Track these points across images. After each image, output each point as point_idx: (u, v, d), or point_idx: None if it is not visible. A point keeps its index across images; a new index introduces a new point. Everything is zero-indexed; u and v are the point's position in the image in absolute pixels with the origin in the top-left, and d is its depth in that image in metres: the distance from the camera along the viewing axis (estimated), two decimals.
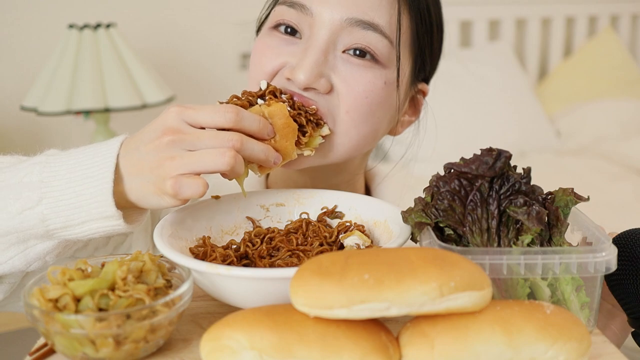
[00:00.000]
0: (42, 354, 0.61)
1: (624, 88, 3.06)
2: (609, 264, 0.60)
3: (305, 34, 0.82)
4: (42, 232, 0.68)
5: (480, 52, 2.93)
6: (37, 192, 0.67)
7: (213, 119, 0.67)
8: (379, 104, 0.83)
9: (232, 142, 0.66)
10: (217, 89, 2.61)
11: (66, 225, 0.68)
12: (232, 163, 0.65)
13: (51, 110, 1.97)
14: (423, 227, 0.65)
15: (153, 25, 2.50)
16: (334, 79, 0.81)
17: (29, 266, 0.72)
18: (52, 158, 0.70)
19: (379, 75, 0.82)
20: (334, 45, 0.81)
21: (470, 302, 0.53)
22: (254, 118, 0.69)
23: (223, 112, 0.67)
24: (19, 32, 2.31)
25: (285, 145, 0.73)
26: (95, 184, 0.66)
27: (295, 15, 0.82)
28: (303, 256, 0.70)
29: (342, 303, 0.51)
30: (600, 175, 2.47)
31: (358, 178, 0.97)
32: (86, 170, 0.67)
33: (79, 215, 0.67)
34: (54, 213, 0.67)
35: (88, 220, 0.68)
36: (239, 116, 0.67)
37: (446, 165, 0.65)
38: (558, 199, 0.66)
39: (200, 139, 0.65)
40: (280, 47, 0.83)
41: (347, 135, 0.82)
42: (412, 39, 0.86)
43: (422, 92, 0.95)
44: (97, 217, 0.67)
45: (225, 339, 0.52)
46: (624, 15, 3.30)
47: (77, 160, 0.68)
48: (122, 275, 0.59)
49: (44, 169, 0.68)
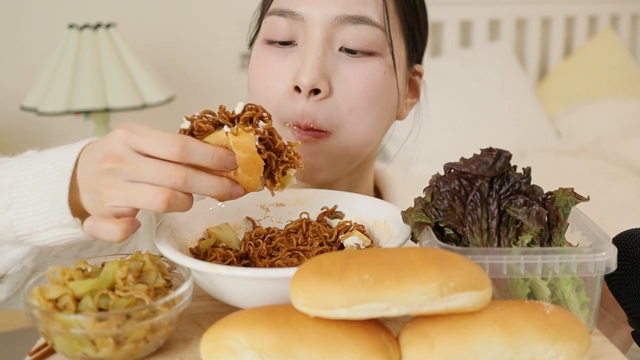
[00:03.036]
0: (42, 354, 0.61)
1: (624, 88, 3.06)
2: (609, 264, 0.60)
3: (300, 38, 0.83)
4: (12, 238, 0.67)
5: (480, 52, 2.93)
6: (7, 197, 0.66)
7: (157, 150, 0.60)
8: (380, 94, 0.84)
9: (174, 178, 0.60)
10: (217, 89, 2.61)
11: (32, 232, 0.66)
12: (165, 205, 0.60)
13: (51, 110, 1.97)
14: (423, 227, 0.65)
15: (153, 25, 2.50)
16: (334, 80, 0.82)
17: (7, 270, 0.71)
18: (23, 161, 0.68)
19: (377, 67, 0.83)
20: (330, 43, 0.82)
21: (470, 302, 0.53)
22: (204, 152, 0.61)
23: (169, 144, 0.60)
24: (19, 32, 2.31)
25: (247, 179, 0.65)
26: (53, 191, 0.65)
27: (287, 23, 0.83)
28: (303, 256, 0.70)
29: (342, 303, 0.51)
30: (600, 175, 2.47)
31: (369, 172, 0.97)
32: (48, 176, 0.65)
33: (42, 222, 0.66)
34: (20, 220, 0.66)
35: (51, 228, 0.66)
36: (185, 151, 0.60)
37: (446, 165, 0.65)
38: (558, 199, 0.66)
39: (140, 172, 0.60)
40: (280, 62, 0.84)
41: (353, 132, 0.83)
42: (401, 21, 0.87)
43: (419, 74, 0.96)
44: (57, 224, 0.66)
45: (225, 339, 0.52)
46: (624, 15, 3.30)
47: (42, 165, 0.66)
48: (122, 275, 0.59)
49: (14, 172, 0.67)
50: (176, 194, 0.60)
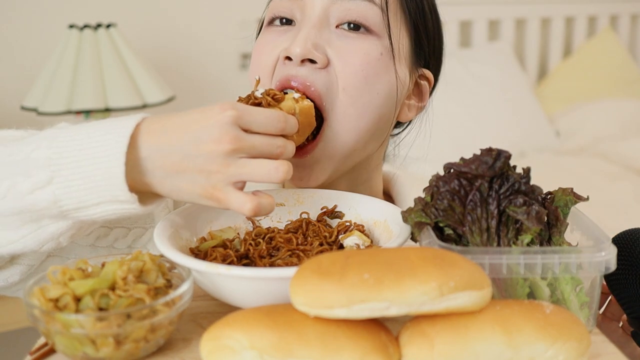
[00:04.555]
0: (43, 354, 0.61)
1: (624, 88, 3.06)
2: (609, 264, 0.60)
3: (298, 18, 0.84)
4: (56, 213, 0.65)
5: (480, 52, 2.93)
6: (46, 171, 0.64)
7: (267, 127, 0.67)
8: (376, 75, 0.82)
9: (280, 148, 0.67)
10: (217, 89, 2.61)
11: (80, 206, 0.65)
12: (284, 176, 0.65)
13: (51, 111, 1.97)
14: (423, 226, 0.65)
15: (153, 25, 2.50)
16: (330, 52, 0.81)
17: (42, 246, 0.69)
18: (61, 132, 0.66)
19: (374, 46, 0.82)
20: (327, 20, 0.83)
21: (469, 302, 0.53)
22: (294, 124, 0.71)
23: (275, 121, 0.67)
24: (19, 32, 2.31)
25: (299, 140, 0.77)
26: (107, 166, 0.63)
27: (288, 3, 0.84)
28: (303, 256, 0.70)
29: (342, 303, 0.51)
30: (600, 175, 2.47)
31: (374, 177, 0.96)
32: (97, 149, 0.64)
33: (91, 197, 0.64)
34: (66, 194, 0.64)
35: (102, 202, 0.64)
36: (287, 124, 0.68)
37: (446, 165, 0.65)
38: (557, 199, 0.66)
39: (256, 148, 0.65)
40: (277, 39, 0.84)
41: (347, 116, 0.82)
42: (402, 10, 0.86)
43: (427, 80, 0.94)
44: (110, 199, 0.64)
45: (225, 338, 0.52)
46: (623, 15, 3.30)
47: (88, 138, 0.64)
48: (122, 275, 0.59)
49: (52, 143, 0.65)
50: (290, 168, 0.66)
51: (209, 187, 0.64)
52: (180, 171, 0.64)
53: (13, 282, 0.77)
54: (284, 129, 0.68)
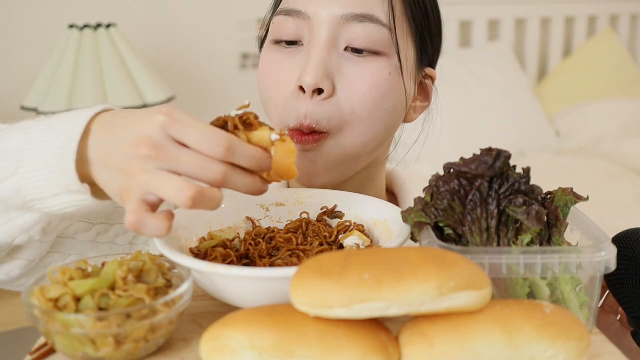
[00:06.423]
0: (43, 354, 0.61)
1: (624, 88, 3.07)
2: (609, 264, 0.60)
3: (306, 38, 0.83)
4: (20, 204, 0.65)
5: (480, 52, 2.93)
6: (14, 161, 0.64)
7: (200, 145, 0.59)
8: (384, 96, 0.83)
9: (215, 174, 0.59)
10: (217, 89, 2.61)
11: (41, 197, 0.64)
12: (190, 202, 0.58)
13: (52, 111, 1.97)
14: (423, 226, 0.65)
15: (153, 25, 2.50)
16: (338, 80, 0.81)
17: (13, 239, 0.69)
18: (32, 123, 0.66)
19: (383, 67, 0.82)
20: (336, 43, 0.82)
21: (470, 302, 0.53)
22: (246, 154, 0.61)
23: (214, 143, 0.59)
24: (19, 32, 2.31)
25: (275, 179, 0.66)
26: (61, 155, 0.62)
27: (294, 23, 0.83)
28: (303, 256, 0.70)
29: (342, 302, 0.51)
30: (600, 175, 2.48)
31: (379, 175, 0.96)
32: (56, 139, 0.63)
33: (51, 188, 0.63)
34: (29, 184, 0.63)
35: (59, 194, 0.63)
36: (230, 152, 0.59)
37: (446, 165, 0.65)
38: (557, 199, 0.66)
39: (179, 163, 0.59)
40: (288, 61, 0.84)
41: (353, 134, 0.83)
42: (408, 22, 0.86)
43: (430, 78, 0.95)
44: (65, 190, 0.63)
45: (225, 338, 0.52)
46: (623, 15, 3.30)
47: (51, 128, 0.64)
48: (122, 275, 0.59)
49: (21, 135, 0.64)
50: (204, 193, 0.58)
51: (124, 189, 0.61)
52: (108, 166, 0.62)
53: (14, 276, 0.77)
54: (225, 156, 0.59)
